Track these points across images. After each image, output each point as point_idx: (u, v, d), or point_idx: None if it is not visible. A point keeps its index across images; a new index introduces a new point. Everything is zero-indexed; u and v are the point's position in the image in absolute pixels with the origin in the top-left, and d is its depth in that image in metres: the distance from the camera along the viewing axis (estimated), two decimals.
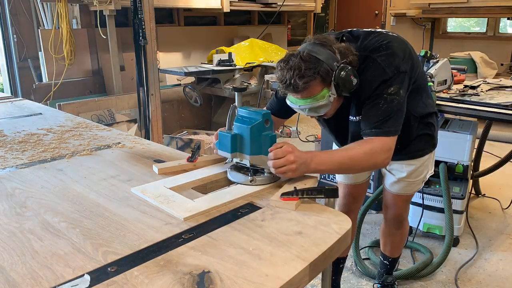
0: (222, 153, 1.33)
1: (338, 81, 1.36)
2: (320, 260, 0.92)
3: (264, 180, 1.28)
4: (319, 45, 1.38)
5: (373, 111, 1.40)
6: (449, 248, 2.41)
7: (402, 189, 1.79)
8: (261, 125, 1.27)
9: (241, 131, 1.28)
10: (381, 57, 1.41)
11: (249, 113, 1.29)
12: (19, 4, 4.34)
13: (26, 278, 0.83)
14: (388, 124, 1.38)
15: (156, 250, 0.92)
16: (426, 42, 6.49)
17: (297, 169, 1.23)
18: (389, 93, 1.39)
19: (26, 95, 4.23)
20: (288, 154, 1.22)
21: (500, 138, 4.65)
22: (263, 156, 1.27)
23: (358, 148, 1.36)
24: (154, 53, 3.71)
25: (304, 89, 1.35)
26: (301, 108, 1.43)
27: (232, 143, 1.28)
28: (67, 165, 1.45)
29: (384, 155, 1.39)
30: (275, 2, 5.75)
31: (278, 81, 1.39)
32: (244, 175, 1.30)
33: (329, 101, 1.39)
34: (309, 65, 1.33)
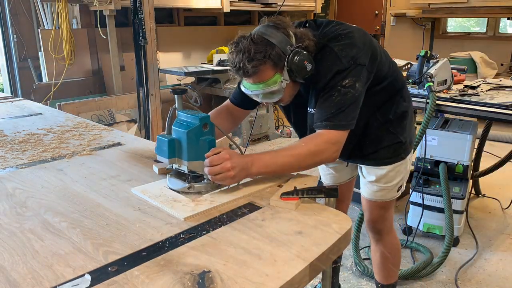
0: (160, 158, 1.26)
1: (291, 66, 1.30)
2: (320, 260, 0.92)
3: (203, 187, 1.22)
4: (273, 27, 1.31)
5: (326, 103, 1.33)
6: (449, 248, 2.41)
7: (373, 194, 1.70)
8: (199, 130, 1.21)
9: (179, 136, 1.22)
10: (338, 46, 1.34)
11: (187, 117, 1.23)
12: (19, 4, 4.33)
13: (27, 278, 0.83)
14: (338, 118, 1.31)
15: (156, 250, 0.93)
16: (426, 42, 6.49)
17: (236, 176, 1.17)
18: (344, 85, 1.32)
19: (26, 95, 4.23)
20: (224, 161, 1.16)
21: (500, 138, 4.65)
22: (202, 161, 1.21)
23: (303, 146, 1.29)
24: (154, 53, 3.71)
25: (254, 73, 1.28)
26: (254, 94, 1.37)
27: (169, 148, 1.22)
28: (67, 165, 1.45)
29: (330, 150, 1.31)
30: (275, 2, 5.75)
31: (229, 65, 1.33)
32: (183, 182, 1.24)
33: (281, 87, 1.33)
34: (260, 48, 1.25)
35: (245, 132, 4.69)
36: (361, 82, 1.35)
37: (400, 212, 3.04)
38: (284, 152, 1.27)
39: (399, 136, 1.59)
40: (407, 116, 1.61)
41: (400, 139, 1.59)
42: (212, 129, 1.25)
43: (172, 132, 1.25)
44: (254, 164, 1.21)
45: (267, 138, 5.01)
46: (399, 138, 1.59)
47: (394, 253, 1.89)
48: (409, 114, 1.62)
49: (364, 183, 1.72)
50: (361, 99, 1.38)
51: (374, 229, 1.81)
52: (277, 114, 5.33)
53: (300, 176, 1.32)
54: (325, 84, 1.34)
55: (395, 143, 1.59)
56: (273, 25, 1.31)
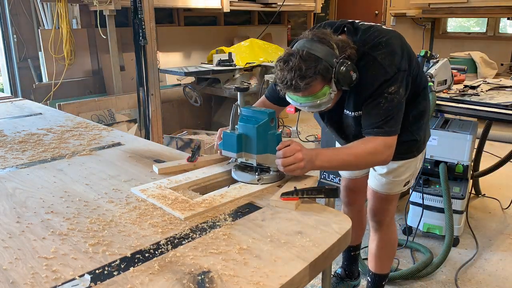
0: (227, 153, 1.33)
1: (338, 77, 1.35)
2: (320, 260, 0.92)
3: (271, 178, 1.29)
4: (317, 42, 1.36)
5: (375, 110, 1.40)
6: (449, 248, 2.41)
7: (381, 185, 1.76)
8: (267, 124, 1.28)
9: (247, 131, 1.28)
10: (381, 55, 1.40)
11: (254, 113, 1.30)
12: (19, 4, 4.33)
13: (27, 278, 0.83)
14: (389, 124, 1.39)
15: (156, 250, 0.93)
16: (426, 42, 6.49)
17: (305, 167, 1.26)
18: (390, 92, 1.39)
19: (26, 95, 4.23)
20: (296, 152, 1.24)
21: (500, 138, 4.65)
22: (270, 154, 1.28)
23: (362, 147, 1.38)
24: (154, 53, 3.71)
25: (306, 89, 1.34)
26: (302, 106, 1.43)
27: (238, 143, 1.28)
28: (67, 165, 1.45)
29: (386, 154, 1.41)
30: (275, 2, 5.75)
31: (278, 82, 1.38)
32: (250, 174, 1.30)
33: (330, 98, 1.39)
34: (310, 65, 1.31)
35: None
36: (403, 87, 1.43)
37: (400, 212, 3.04)
38: (345, 150, 1.39)
39: (415, 134, 1.63)
40: (425, 115, 1.65)
41: (415, 137, 1.63)
42: (276, 124, 1.31)
43: (238, 127, 1.30)
44: (318, 157, 1.30)
45: None
46: (414, 136, 1.63)
47: (389, 245, 1.95)
48: (426, 113, 1.67)
49: (374, 175, 1.77)
50: (404, 103, 1.45)
51: (375, 218, 1.86)
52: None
53: (300, 176, 1.32)
54: (371, 92, 1.40)
55: (410, 141, 1.63)
56: (317, 40, 1.36)
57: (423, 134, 1.67)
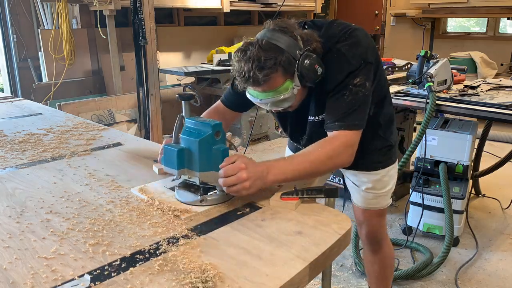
0: (168, 169, 1.17)
1: (302, 71, 1.24)
2: (320, 260, 0.92)
3: (216, 199, 1.15)
4: (280, 31, 1.24)
5: (338, 103, 1.29)
6: (449, 248, 2.41)
7: (370, 202, 1.64)
8: (211, 138, 1.13)
9: (189, 145, 1.13)
10: (345, 47, 1.30)
11: (197, 124, 1.15)
12: (19, 4, 4.33)
13: (26, 278, 0.83)
14: (352, 117, 1.28)
15: (156, 250, 0.93)
16: (426, 42, 6.49)
17: (251, 186, 1.10)
18: (355, 84, 1.28)
19: (26, 95, 4.23)
20: (240, 171, 1.09)
21: (500, 138, 4.65)
22: (215, 172, 1.13)
23: (319, 151, 1.24)
24: (154, 53, 3.71)
25: (265, 82, 1.22)
26: (262, 102, 1.30)
27: (178, 159, 1.13)
28: (67, 165, 1.45)
29: (347, 153, 1.28)
30: (275, 2, 5.74)
31: (236, 74, 1.26)
32: (194, 194, 1.16)
33: (293, 94, 1.27)
34: (270, 55, 1.19)
35: (245, 132, 4.69)
36: (370, 81, 1.33)
37: (400, 212, 3.04)
38: (300, 158, 1.22)
39: (389, 139, 1.57)
40: (393, 118, 1.60)
41: (390, 142, 1.57)
42: (224, 137, 1.17)
43: (181, 141, 1.16)
44: (270, 172, 1.14)
45: (267, 138, 5.01)
46: (389, 141, 1.57)
47: (391, 260, 1.85)
48: (394, 117, 1.61)
49: (358, 193, 1.64)
50: (370, 98, 1.35)
51: (374, 240, 1.74)
52: None
53: None
54: (335, 86, 1.30)
55: (385, 147, 1.57)
56: (279, 29, 1.25)
57: (395, 138, 1.60)
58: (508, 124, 3.56)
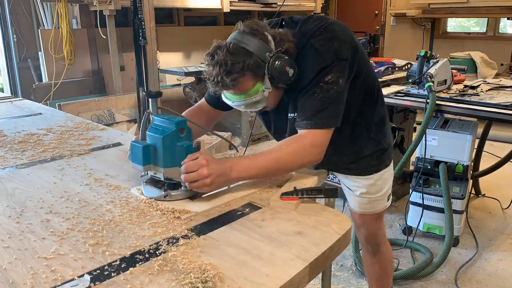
0: (135, 165, 1.20)
1: (272, 73, 1.23)
2: (320, 260, 0.92)
3: (180, 195, 1.17)
4: (249, 33, 1.24)
5: (308, 101, 1.27)
6: (449, 248, 2.41)
7: (365, 207, 1.62)
8: (175, 135, 1.15)
9: (154, 141, 1.16)
10: (319, 42, 1.27)
11: (163, 122, 1.17)
12: (19, 4, 4.34)
13: (26, 278, 0.83)
14: (321, 116, 1.25)
15: (156, 250, 0.93)
16: (426, 42, 6.49)
17: (213, 183, 1.12)
18: (326, 81, 1.25)
19: (26, 95, 4.23)
20: (201, 167, 1.11)
21: (500, 138, 4.65)
22: (179, 168, 1.14)
23: (284, 149, 1.23)
24: (154, 53, 3.71)
25: (234, 86, 1.22)
26: (235, 105, 1.31)
27: (144, 155, 1.16)
28: (67, 165, 1.45)
29: (314, 152, 1.26)
30: (275, 2, 5.74)
31: (206, 78, 1.26)
32: (159, 190, 1.18)
33: (263, 96, 1.26)
34: (237, 59, 1.19)
35: (245, 132, 4.69)
36: (344, 78, 1.29)
37: (400, 212, 3.04)
38: (265, 156, 1.21)
39: (382, 142, 1.54)
40: (386, 121, 1.56)
41: (383, 145, 1.54)
42: (189, 134, 1.18)
43: (147, 137, 1.19)
44: (233, 169, 1.16)
45: (267, 138, 5.01)
46: (382, 144, 1.54)
47: (391, 261, 1.85)
48: (387, 118, 1.57)
49: (353, 198, 1.63)
50: (344, 96, 1.31)
51: (373, 243, 1.73)
52: None
53: (300, 176, 1.32)
54: (308, 82, 1.27)
55: (378, 150, 1.53)
56: (249, 31, 1.25)
57: (388, 140, 1.57)
58: (508, 124, 3.56)
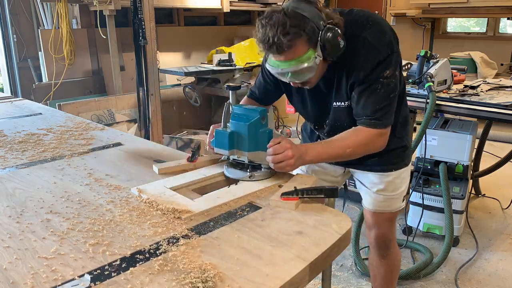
0: (219, 150, 1.34)
1: (325, 42, 1.24)
2: (320, 260, 0.92)
3: (263, 175, 1.31)
4: (305, 1, 1.25)
5: (372, 97, 1.32)
6: (449, 248, 2.41)
7: (380, 205, 1.63)
8: (259, 122, 1.29)
9: (239, 129, 1.29)
10: (371, 35, 1.30)
11: (245, 111, 1.31)
12: (19, 4, 4.33)
13: (27, 278, 0.83)
14: (387, 115, 1.34)
15: (156, 250, 0.93)
16: (426, 42, 6.48)
17: (295, 164, 1.25)
18: (386, 76, 1.30)
19: (26, 95, 4.23)
20: (286, 149, 1.23)
21: (500, 138, 4.65)
22: (261, 152, 1.29)
23: (353, 139, 1.34)
24: (154, 53, 3.71)
25: (289, 47, 1.21)
26: (283, 72, 1.29)
27: (229, 141, 1.29)
28: (67, 165, 1.45)
29: (380, 142, 1.37)
30: (275, 2, 5.74)
31: (259, 42, 1.24)
32: (242, 171, 1.32)
33: (315, 64, 1.27)
34: (295, 22, 1.20)
35: None
36: (399, 69, 1.36)
37: (400, 212, 3.03)
38: (335, 143, 1.34)
39: (404, 140, 1.57)
40: (408, 121, 1.61)
41: (404, 143, 1.58)
42: (267, 122, 1.32)
43: (230, 125, 1.31)
44: (308, 153, 1.28)
45: None
46: (404, 142, 1.57)
47: (399, 264, 1.85)
48: (409, 119, 1.62)
49: (369, 195, 1.64)
50: (400, 87, 1.39)
51: (383, 244, 1.72)
52: (277, 114, 5.32)
53: (300, 176, 1.33)
54: (366, 75, 1.31)
55: (400, 147, 1.57)
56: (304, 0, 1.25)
57: (410, 140, 1.62)
58: (508, 124, 3.55)
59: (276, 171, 1.30)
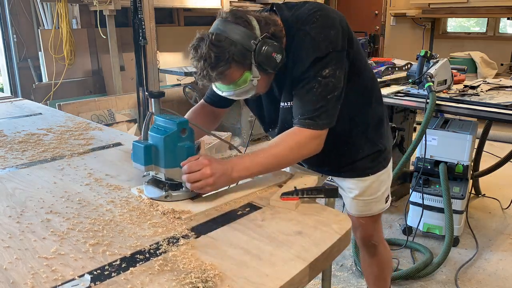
0: (136, 165, 1.20)
1: (259, 61, 1.19)
2: (320, 260, 0.92)
3: (181, 195, 1.17)
4: (232, 22, 1.19)
5: (307, 96, 1.23)
6: (449, 248, 2.41)
7: (360, 209, 1.58)
8: (177, 135, 1.15)
9: (156, 142, 1.16)
10: (314, 30, 1.21)
11: (165, 122, 1.17)
12: (19, 4, 4.34)
13: (27, 278, 0.83)
14: (323, 116, 1.23)
15: (156, 250, 0.93)
16: (426, 42, 6.49)
17: (216, 183, 1.12)
18: (324, 75, 1.21)
19: (26, 95, 4.23)
20: (204, 167, 1.10)
21: (500, 138, 4.65)
22: (180, 169, 1.14)
23: (284, 144, 1.22)
24: (154, 53, 3.71)
25: (221, 79, 1.19)
26: (226, 95, 1.28)
27: (145, 155, 1.16)
28: (67, 165, 1.45)
29: (313, 144, 1.25)
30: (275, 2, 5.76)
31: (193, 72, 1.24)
32: (160, 190, 1.18)
33: (253, 85, 1.23)
34: (220, 51, 1.15)
35: (245, 132, 4.69)
36: (341, 70, 1.25)
37: (400, 212, 3.04)
38: (264, 153, 1.21)
39: (378, 144, 1.50)
40: (383, 121, 1.52)
41: (379, 147, 1.50)
42: (190, 135, 1.18)
43: (149, 137, 1.18)
44: (234, 169, 1.15)
45: (267, 138, 5.01)
46: (378, 146, 1.50)
47: (389, 261, 1.83)
48: (385, 119, 1.53)
49: (349, 201, 1.59)
50: (342, 88, 1.27)
51: (370, 244, 1.70)
52: None
53: (300, 176, 1.32)
54: (302, 72, 1.23)
55: (374, 152, 1.49)
56: (231, 20, 1.20)
57: (386, 142, 1.52)
58: (508, 124, 3.56)
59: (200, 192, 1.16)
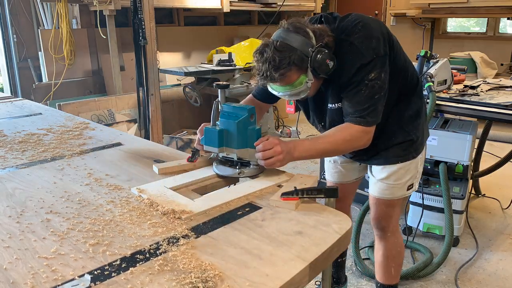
0: (209, 148, 1.36)
1: (314, 66, 1.37)
2: (320, 260, 0.92)
3: (251, 172, 1.34)
4: (293, 32, 1.37)
5: (356, 98, 1.41)
6: (449, 248, 2.41)
7: (381, 191, 1.71)
8: (247, 120, 1.32)
9: (228, 126, 1.33)
10: (357, 40, 1.40)
11: (234, 109, 1.35)
12: (19, 4, 4.33)
13: (27, 278, 0.83)
14: (372, 114, 1.41)
15: (156, 250, 0.93)
16: (426, 42, 6.49)
17: (284, 159, 1.29)
18: (370, 79, 1.39)
19: (26, 95, 4.23)
20: (275, 145, 1.28)
21: (500, 138, 4.65)
22: (250, 149, 1.33)
23: (339, 134, 1.41)
24: (154, 53, 3.71)
25: (281, 79, 1.37)
26: (282, 95, 1.46)
27: (219, 138, 1.33)
28: (67, 165, 1.45)
29: (364, 139, 1.44)
30: (275, 2, 5.74)
31: (256, 73, 1.41)
32: (231, 168, 1.35)
33: (307, 87, 1.41)
34: (284, 55, 1.33)
35: None
36: (386, 72, 1.42)
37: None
38: (322, 139, 1.40)
39: (411, 134, 1.61)
40: (421, 114, 1.64)
41: (411, 137, 1.62)
42: (255, 120, 1.36)
43: (220, 123, 1.35)
44: (296, 149, 1.33)
45: None
46: (411, 136, 1.62)
47: (396, 253, 1.87)
48: (422, 112, 1.66)
49: (374, 182, 1.73)
50: (387, 87, 1.44)
51: (379, 225, 1.82)
52: (277, 114, 5.32)
53: (300, 176, 1.33)
54: (349, 78, 1.40)
55: (406, 141, 1.62)
56: (292, 29, 1.37)
57: (420, 134, 1.65)
58: (508, 124, 3.55)
59: (265, 168, 1.34)
